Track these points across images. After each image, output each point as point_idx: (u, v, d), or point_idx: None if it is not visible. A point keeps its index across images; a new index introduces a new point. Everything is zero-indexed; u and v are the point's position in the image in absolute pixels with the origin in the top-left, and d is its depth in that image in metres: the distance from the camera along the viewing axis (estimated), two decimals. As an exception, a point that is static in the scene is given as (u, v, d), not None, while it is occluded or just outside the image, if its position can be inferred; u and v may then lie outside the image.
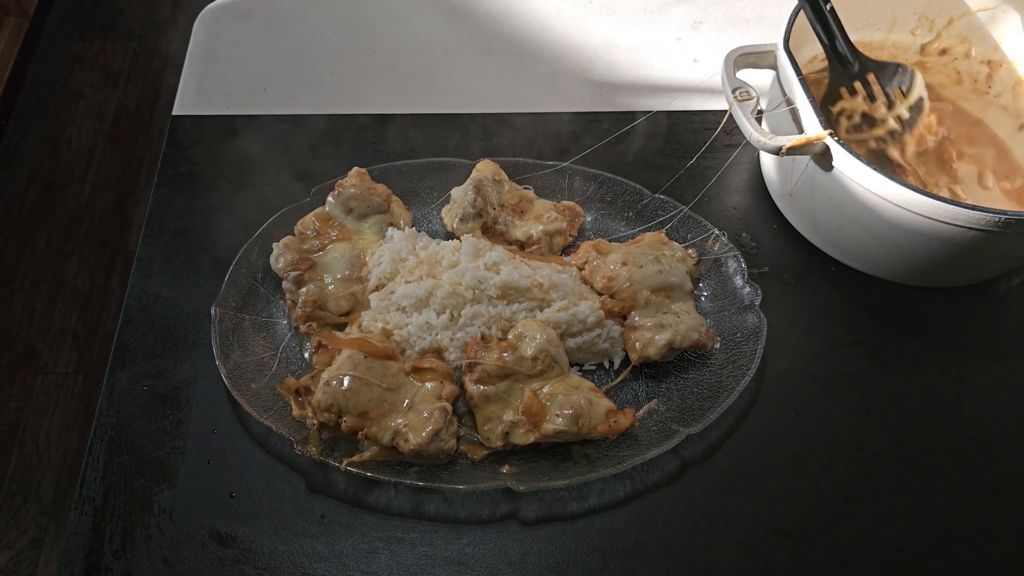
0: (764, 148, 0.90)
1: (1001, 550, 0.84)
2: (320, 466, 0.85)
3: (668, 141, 1.15)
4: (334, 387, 0.82)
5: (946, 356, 0.97)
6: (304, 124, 1.16)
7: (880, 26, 1.11)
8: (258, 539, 0.82)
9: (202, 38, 1.28)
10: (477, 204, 0.98)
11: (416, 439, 0.81)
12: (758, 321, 0.93)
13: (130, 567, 0.80)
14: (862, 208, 0.89)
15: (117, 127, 2.70)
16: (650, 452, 0.84)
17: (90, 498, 0.83)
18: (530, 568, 0.81)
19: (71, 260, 2.37)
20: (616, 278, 0.93)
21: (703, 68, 1.25)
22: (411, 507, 0.84)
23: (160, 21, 3.01)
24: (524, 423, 0.83)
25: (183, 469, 0.85)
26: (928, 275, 0.96)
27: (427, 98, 1.21)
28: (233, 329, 0.92)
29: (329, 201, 1.00)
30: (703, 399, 0.89)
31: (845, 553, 0.83)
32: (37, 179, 2.55)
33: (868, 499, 0.86)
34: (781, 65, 0.96)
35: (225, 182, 1.09)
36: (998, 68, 1.10)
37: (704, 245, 1.00)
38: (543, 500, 0.85)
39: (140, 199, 2.52)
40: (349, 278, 0.95)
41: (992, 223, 0.81)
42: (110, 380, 0.91)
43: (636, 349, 0.90)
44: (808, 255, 1.04)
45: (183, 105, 1.19)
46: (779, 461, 0.88)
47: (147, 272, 1.00)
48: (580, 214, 1.03)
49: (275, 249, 0.95)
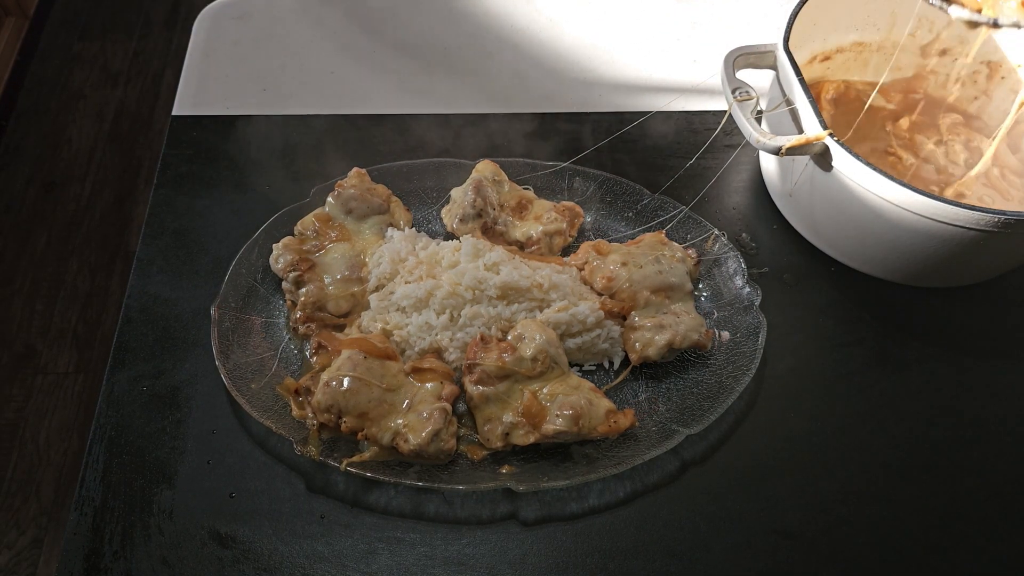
0: (764, 148, 0.90)
1: (1001, 550, 0.84)
2: (320, 466, 0.85)
3: (668, 141, 1.15)
4: (334, 388, 0.82)
5: (946, 356, 0.97)
6: (304, 124, 1.16)
7: (880, 26, 1.11)
8: (258, 539, 0.82)
9: (202, 38, 1.29)
10: (477, 204, 0.98)
11: (416, 439, 0.81)
12: (758, 321, 0.93)
13: (130, 567, 0.80)
14: (862, 208, 0.89)
15: (117, 127, 2.70)
16: (650, 452, 0.84)
17: (90, 498, 0.83)
18: (530, 568, 0.81)
19: (71, 260, 2.37)
20: (616, 278, 0.93)
21: (703, 68, 1.25)
22: (411, 507, 0.84)
23: (160, 21, 3.01)
24: (524, 424, 0.83)
25: (183, 469, 0.85)
26: (928, 275, 0.96)
27: (427, 98, 1.21)
28: (233, 329, 0.92)
29: (329, 201, 1.00)
30: (703, 399, 0.89)
31: (845, 553, 0.83)
32: (37, 179, 2.55)
33: (868, 499, 0.86)
34: (781, 65, 0.96)
35: (225, 182, 1.09)
36: (998, 68, 1.10)
37: (704, 245, 1.00)
38: (543, 500, 0.85)
39: (140, 199, 2.52)
40: (349, 279, 0.95)
41: (992, 223, 0.81)
42: (110, 380, 0.91)
43: (636, 349, 0.90)
44: (808, 255, 1.04)
45: (183, 105, 1.19)
46: (779, 461, 0.88)
47: (147, 272, 1.00)
48: (580, 214, 1.03)
49: (275, 249, 0.95)
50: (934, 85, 1.14)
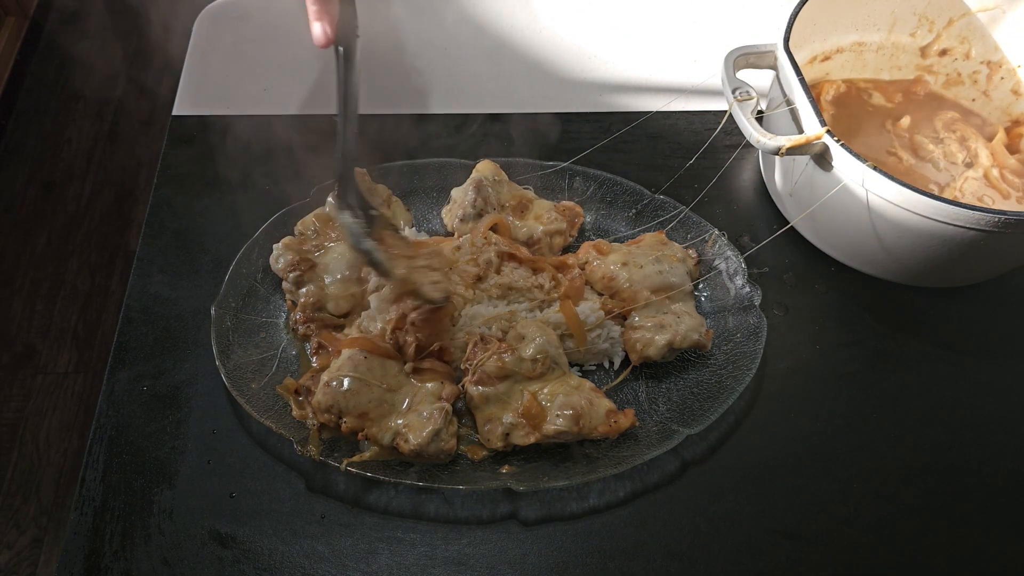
0: (764, 148, 0.90)
1: (1001, 550, 0.84)
2: (320, 466, 0.85)
3: (668, 141, 1.15)
4: (334, 388, 0.82)
5: (946, 356, 0.97)
6: (304, 124, 1.16)
7: (880, 26, 1.11)
8: (258, 539, 0.82)
9: (202, 38, 1.29)
10: (477, 204, 0.98)
11: (416, 439, 0.81)
12: (758, 321, 0.93)
13: (130, 567, 0.80)
14: (862, 208, 0.89)
15: (117, 127, 2.70)
16: (650, 452, 0.84)
17: (90, 498, 0.83)
18: (530, 568, 0.81)
19: (71, 260, 2.37)
20: (616, 278, 0.93)
21: (703, 68, 1.25)
22: (411, 507, 0.84)
23: (160, 21, 3.01)
24: (524, 424, 0.83)
25: (183, 469, 0.85)
26: (928, 275, 0.96)
27: (427, 98, 1.21)
28: (233, 329, 0.92)
29: (329, 202, 1.00)
30: (703, 399, 0.89)
31: (845, 553, 0.83)
32: (37, 179, 2.55)
33: (868, 499, 0.86)
34: (781, 65, 0.96)
35: (225, 182, 1.09)
36: (998, 69, 1.10)
37: (704, 245, 1.00)
38: (543, 500, 0.85)
39: (140, 199, 2.51)
40: (349, 279, 0.95)
41: (992, 223, 0.81)
42: (110, 380, 0.91)
43: (636, 349, 0.90)
44: (808, 255, 1.04)
45: (183, 105, 1.19)
46: (779, 461, 0.88)
47: (147, 272, 1.00)
48: (580, 214, 1.03)
49: (275, 249, 0.95)
50: (934, 85, 1.14)
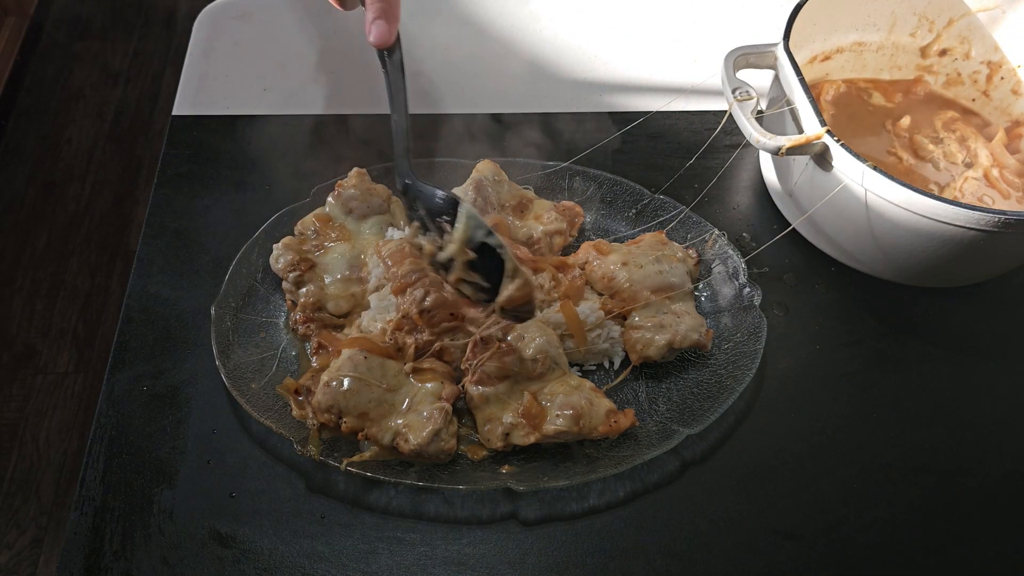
0: (764, 148, 0.90)
1: (1001, 550, 0.84)
2: (320, 466, 0.85)
3: (668, 141, 1.15)
4: (334, 388, 0.82)
5: (946, 356, 0.97)
6: (304, 124, 1.16)
7: (880, 26, 1.11)
8: (258, 539, 0.82)
9: (202, 38, 1.28)
10: (477, 204, 0.98)
11: (416, 439, 0.81)
12: (758, 321, 0.93)
13: (130, 567, 0.80)
14: (862, 208, 0.89)
15: (117, 127, 2.70)
16: (650, 452, 0.84)
17: (90, 498, 0.83)
18: (530, 568, 0.81)
19: (71, 260, 2.37)
20: (616, 278, 0.93)
21: (703, 68, 1.25)
22: (411, 507, 0.84)
23: (160, 21, 3.01)
24: (524, 424, 0.83)
25: (183, 469, 0.85)
26: (928, 275, 0.96)
27: (427, 98, 1.21)
28: (233, 329, 0.92)
29: (329, 202, 1.00)
30: (703, 399, 0.89)
31: (845, 553, 0.83)
32: (37, 179, 2.55)
33: (868, 499, 0.86)
34: (781, 65, 0.96)
35: (225, 182, 1.09)
36: (998, 69, 1.10)
37: (704, 245, 1.00)
38: (543, 500, 0.85)
39: (140, 199, 2.52)
40: (349, 279, 0.95)
41: (992, 223, 0.81)
42: (110, 380, 0.91)
43: (636, 349, 0.90)
44: (808, 255, 1.04)
45: (183, 105, 1.19)
46: (779, 461, 0.88)
47: (147, 272, 1.00)
48: (580, 214, 1.03)
49: (275, 249, 0.95)
50: (934, 85, 1.14)
